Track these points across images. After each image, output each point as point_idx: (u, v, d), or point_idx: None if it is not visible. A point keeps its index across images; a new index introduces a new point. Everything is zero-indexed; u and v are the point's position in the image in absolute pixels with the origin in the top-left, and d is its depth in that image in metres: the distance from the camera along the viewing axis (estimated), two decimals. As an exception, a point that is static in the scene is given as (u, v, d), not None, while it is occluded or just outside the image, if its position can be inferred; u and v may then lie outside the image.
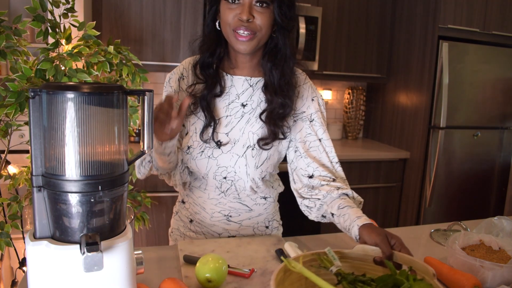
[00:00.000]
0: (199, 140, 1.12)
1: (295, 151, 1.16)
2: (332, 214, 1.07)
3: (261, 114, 1.12)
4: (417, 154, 2.80)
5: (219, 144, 1.12)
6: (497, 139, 2.93)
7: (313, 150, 1.15)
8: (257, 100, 1.13)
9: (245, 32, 1.01)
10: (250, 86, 1.13)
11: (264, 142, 1.11)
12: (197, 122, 1.13)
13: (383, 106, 3.19)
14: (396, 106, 3.03)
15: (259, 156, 1.13)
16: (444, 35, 2.62)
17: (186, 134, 1.15)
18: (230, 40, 1.05)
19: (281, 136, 1.13)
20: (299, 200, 1.18)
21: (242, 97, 1.13)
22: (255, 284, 0.94)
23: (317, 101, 1.18)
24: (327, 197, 1.09)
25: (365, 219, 0.97)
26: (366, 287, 0.73)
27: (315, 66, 2.75)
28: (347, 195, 1.10)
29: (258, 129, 1.12)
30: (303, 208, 1.17)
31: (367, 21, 2.96)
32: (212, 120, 1.10)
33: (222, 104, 1.13)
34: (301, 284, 0.77)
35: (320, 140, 1.16)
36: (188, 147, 1.13)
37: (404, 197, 2.94)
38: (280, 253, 1.07)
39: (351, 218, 0.99)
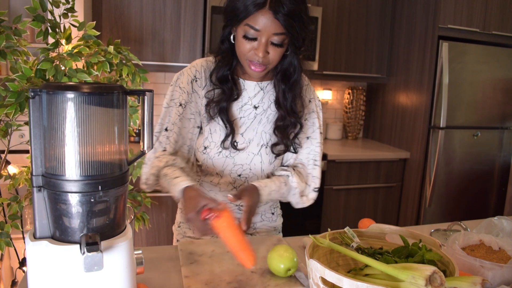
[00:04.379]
0: (216, 141, 1.16)
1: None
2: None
3: (274, 129, 1.18)
4: (417, 154, 2.80)
5: (235, 145, 1.17)
6: (497, 139, 2.93)
7: (299, 136, 1.23)
8: (268, 102, 1.19)
9: (259, 65, 1.06)
10: (261, 89, 1.19)
11: (277, 150, 1.19)
12: (211, 124, 1.17)
13: (383, 106, 3.19)
14: (396, 106, 3.03)
15: (272, 153, 1.20)
16: (444, 35, 2.62)
17: (200, 134, 1.19)
18: (244, 65, 1.10)
19: (293, 151, 1.21)
20: None
21: (254, 100, 1.18)
22: (255, 284, 0.94)
23: (315, 103, 1.25)
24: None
25: (255, 183, 1.10)
26: (384, 257, 0.83)
27: (315, 66, 2.75)
28: (279, 175, 1.20)
29: (269, 128, 1.19)
30: None
31: (367, 21, 2.96)
32: (232, 130, 1.15)
33: (235, 107, 1.18)
34: (326, 259, 0.89)
35: (308, 138, 1.23)
36: (205, 147, 1.17)
37: (404, 197, 2.95)
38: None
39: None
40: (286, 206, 1.45)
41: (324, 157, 2.66)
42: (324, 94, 3.27)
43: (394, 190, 2.95)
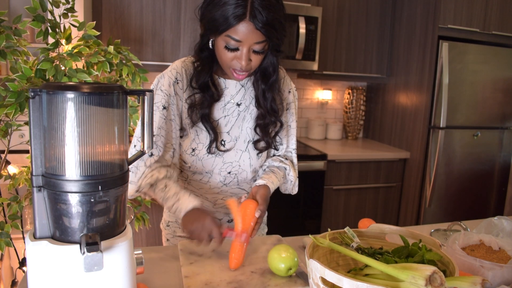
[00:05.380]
0: (204, 142, 1.17)
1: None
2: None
3: (256, 127, 1.21)
4: (417, 154, 2.80)
5: (223, 144, 1.19)
6: (497, 139, 2.93)
7: (280, 133, 1.28)
8: (249, 98, 1.22)
9: (242, 71, 1.08)
10: (242, 86, 1.21)
11: (259, 147, 1.22)
12: (196, 127, 1.17)
13: (383, 106, 3.19)
14: (396, 106, 3.03)
15: (256, 150, 1.23)
16: (444, 35, 2.62)
17: (186, 136, 1.19)
18: (226, 72, 1.11)
19: (274, 148, 1.27)
20: None
21: (236, 97, 1.20)
22: (255, 284, 0.94)
23: (293, 93, 1.29)
24: (268, 160, 1.29)
25: (261, 181, 1.16)
26: (384, 257, 0.83)
27: (315, 66, 2.75)
28: (278, 167, 1.26)
29: (254, 124, 1.22)
30: None
31: (367, 21, 2.96)
32: (216, 136, 1.16)
33: (219, 106, 1.19)
34: (326, 259, 0.89)
35: (289, 126, 1.30)
36: (193, 149, 1.18)
37: (404, 197, 2.95)
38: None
39: (259, 178, 1.19)
40: (286, 207, 1.45)
41: (324, 157, 2.66)
42: (324, 94, 3.27)
43: (394, 190, 2.95)
